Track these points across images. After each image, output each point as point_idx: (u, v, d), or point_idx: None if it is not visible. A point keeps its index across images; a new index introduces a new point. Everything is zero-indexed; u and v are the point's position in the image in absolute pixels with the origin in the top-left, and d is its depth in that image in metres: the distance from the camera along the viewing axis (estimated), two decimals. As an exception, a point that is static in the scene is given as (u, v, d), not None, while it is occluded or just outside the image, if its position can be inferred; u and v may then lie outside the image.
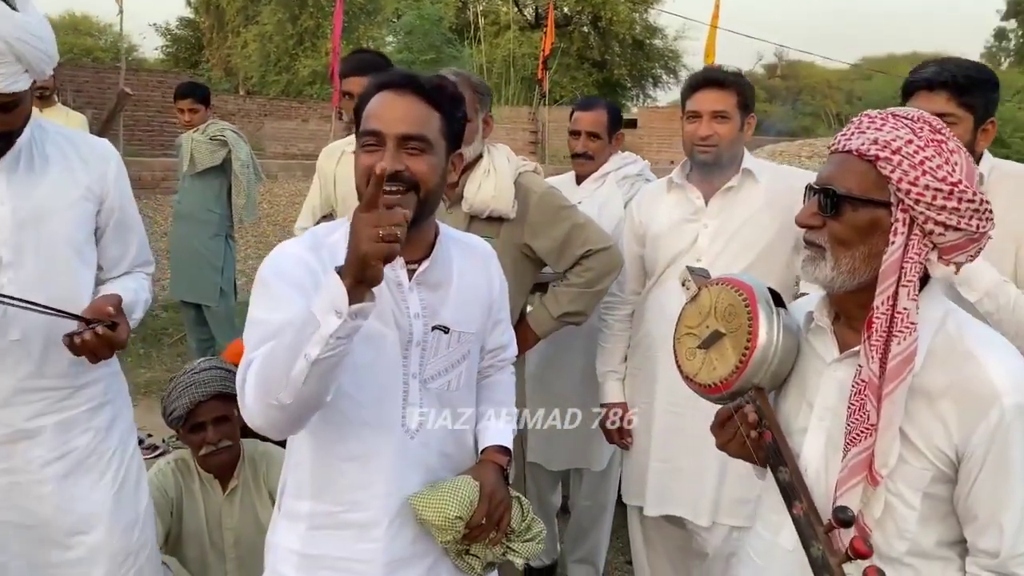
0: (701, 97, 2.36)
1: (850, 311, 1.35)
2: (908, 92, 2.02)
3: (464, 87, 2.10)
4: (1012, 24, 33.24)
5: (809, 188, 1.36)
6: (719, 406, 2.30)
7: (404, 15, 23.88)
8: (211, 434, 2.46)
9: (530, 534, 1.66)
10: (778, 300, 1.43)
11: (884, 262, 1.24)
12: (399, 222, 1.23)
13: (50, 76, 2.22)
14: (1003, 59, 35.41)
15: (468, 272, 1.63)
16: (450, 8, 25.57)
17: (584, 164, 3.14)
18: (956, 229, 1.22)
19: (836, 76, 37.40)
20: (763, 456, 1.38)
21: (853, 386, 1.28)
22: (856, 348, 1.31)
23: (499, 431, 1.72)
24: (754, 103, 2.40)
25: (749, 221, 2.37)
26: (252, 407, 1.37)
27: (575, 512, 3.26)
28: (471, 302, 1.62)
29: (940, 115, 1.91)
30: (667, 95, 30.27)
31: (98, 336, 1.84)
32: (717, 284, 1.49)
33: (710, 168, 2.40)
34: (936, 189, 1.20)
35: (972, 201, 1.20)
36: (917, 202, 1.21)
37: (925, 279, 1.29)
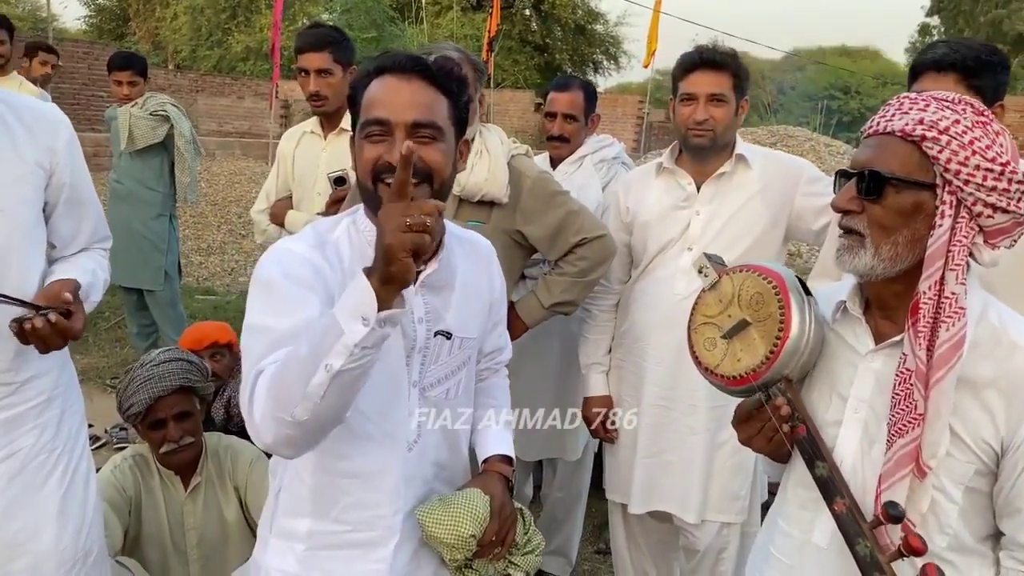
0: (696, 79, 2.26)
1: (886, 300, 1.31)
2: (916, 73, 1.98)
3: (465, 65, 1.98)
4: (935, 20, 34.38)
5: (840, 174, 1.31)
6: (708, 403, 2.29)
7: (342, -8, 23.35)
8: (173, 431, 2.30)
9: (530, 547, 1.59)
10: (806, 289, 1.38)
11: (931, 246, 1.20)
12: (430, 211, 1.11)
13: (2, 43, 1.99)
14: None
15: (471, 274, 1.53)
16: (391, -14, 25.10)
17: (560, 147, 3.03)
18: (1005, 211, 1.19)
19: (768, 66, 38.12)
20: (793, 451, 1.33)
21: (897, 375, 1.24)
22: (896, 338, 1.27)
23: (500, 439, 1.63)
24: (747, 85, 2.32)
25: (743, 208, 2.31)
26: (261, 423, 1.21)
27: (548, 503, 3.20)
28: (473, 306, 1.52)
29: None
30: (607, 81, 30.43)
31: (51, 324, 1.65)
32: (741, 271, 1.42)
33: (703, 153, 2.31)
34: (987, 169, 1.17)
35: (1023, 183, 1.18)
36: (967, 183, 1.18)
37: None
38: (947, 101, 1.23)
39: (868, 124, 1.30)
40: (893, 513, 1.12)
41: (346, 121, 2.98)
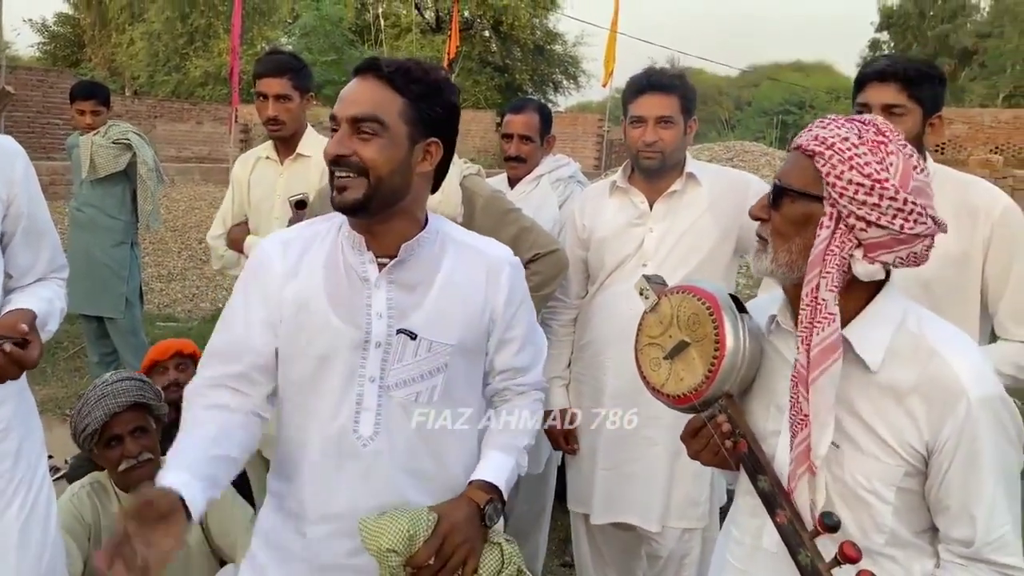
0: (645, 102, 2.33)
1: None
2: (860, 84, 2.08)
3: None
4: (885, 36, 35.30)
5: None
6: (669, 415, 2.32)
7: (301, 16, 23.35)
8: (130, 446, 2.31)
9: None
10: (740, 305, 1.44)
11: (812, 254, 1.28)
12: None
13: None
14: (877, 69, 37.52)
15: (458, 278, 1.52)
16: (349, 9, 25.16)
17: (517, 167, 3.12)
18: (878, 226, 1.23)
19: (725, 83, 38.82)
20: (738, 464, 1.38)
21: (791, 379, 1.31)
22: None
23: (490, 464, 1.56)
24: (695, 105, 2.40)
25: (694, 225, 2.39)
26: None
27: (513, 517, 3.22)
28: (454, 311, 1.51)
29: (890, 106, 2.00)
30: (568, 100, 30.71)
31: (5, 354, 1.65)
32: (677, 292, 1.47)
33: (655, 172, 2.39)
34: (858, 184, 1.22)
35: (895, 199, 1.22)
36: (841, 195, 1.24)
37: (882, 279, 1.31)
38: (858, 121, 1.29)
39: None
40: (829, 523, 1.17)
41: (303, 146, 3.01)
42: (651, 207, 2.42)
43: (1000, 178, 8.58)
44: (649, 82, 2.34)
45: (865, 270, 1.26)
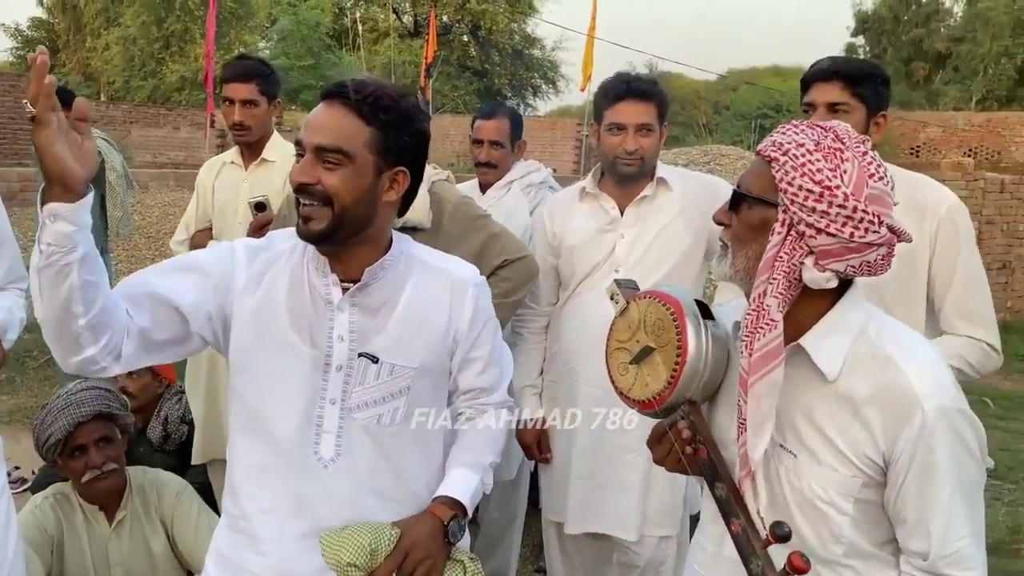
0: (625, 109, 2.30)
1: None
2: (806, 85, 2.11)
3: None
4: (861, 40, 35.66)
5: None
6: (645, 421, 2.32)
7: (278, 20, 23.25)
8: (94, 456, 2.27)
9: None
10: (705, 311, 1.43)
11: (762, 259, 1.27)
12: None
13: None
14: (853, 73, 37.90)
15: (422, 300, 1.51)
16: (327, 14, 25.10)
17: (488, 173, 3.10)
18: (827, 233, 1.21)
19: (704, 87, 38.99)
20: (699, 472, 1.38)
21: (738, 384, 1.30)
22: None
23: (456, 480, 1.55)
24: (668, 111, 2.39)
25: (665, 230, 2.38)
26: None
27: (484, 524, 3.21)
28: (417, 333, 1.50)
29: (834, 104, 2.03)
30: (547, 104, 30.80)
31: None
32: (645, 298, 1.47)
33: (628, 178, 2.37)
34: (808, 191, 1.21)
35: (844, 207, 1.20)
36: (792, 202, 1.23)
37: (846, 285, 1.30)
38: (819, 128, 1.27)
39: None
40: (779, 533, 1.16)
41: (267, 152, 3.00)
42: (622, 213, 2.40)
43: (972, 180, 8.65)
44: (629, 89, 2.30)
45: (812, 277, 1.24)
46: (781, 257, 1.24)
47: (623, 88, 2.31)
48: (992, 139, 20.53)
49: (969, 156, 17.54)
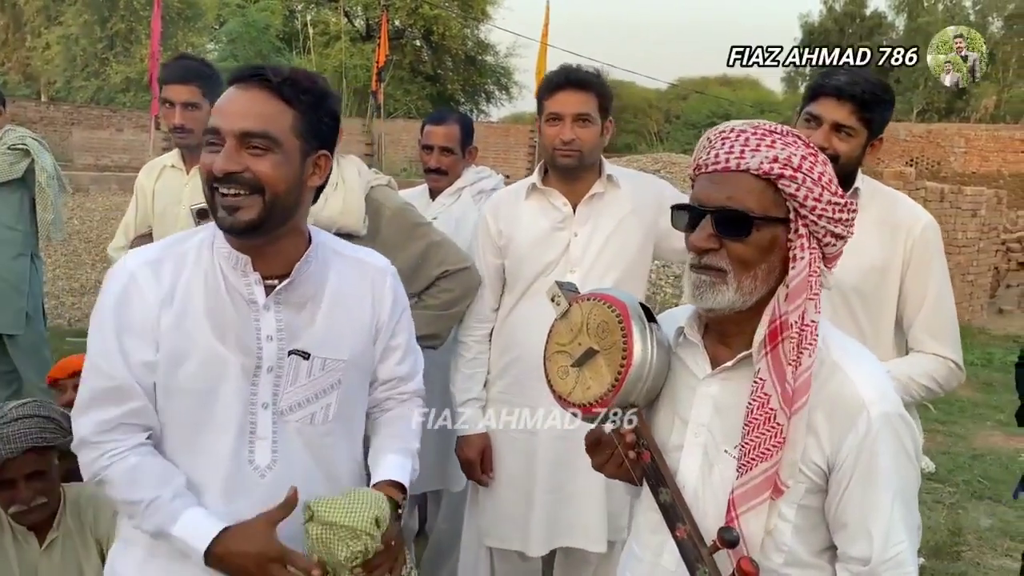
0: (562, 98, 2.23)
1: (726, 327, 1.34)
2: (814, 95, 2.04)
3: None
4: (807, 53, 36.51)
5: (685, 209, 1.30)
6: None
7: (227, 22, 22.89)
8: (23, 492, 2.16)
9: None
10: (650, 315, 1.40)
11: (794, 279, 1.24)
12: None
13: None
14: (800, 83, 38.83)
15: (345, 291, 1.48)
16: (277, 16, 24.78)
17: (438, 179, 3.05)
18: (843, 238, 1.28)
19: (655, 96, 39.45)
20: (641, 476, 1.35)
21: (754, 401, 1.25)
22: (727, 363, 1.31)
23: (392, 465, 1.56)
24: (612, 105, 2.32)
25: (618, 228, 2.32)
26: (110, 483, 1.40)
27: (433, 536, 3.16)
28: (344, 325, 1.47)
29: (840, 126, 1.99)
30: (501, 111, 30.88)
31: None
32: (588, 299, 1.43)
33: (572, 173, 2.30)
34: (835, 203, 1.24)
35: (846, 208, 1.27)
36: (820, 216, 1.23)
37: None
38: (799, 139, 1.26)
39: (706, 159, 1.29)
40: (728, 538, 1.16)
41: None
42: (574, 210, 2.33)
43: (913, 189, 8.89)
44: (567, 78, 2.24)
45: (837, 281, 1.34)
46: (815, 271, 1.25)
47: (561, 78, 2.26)
48: (932, 149, 21.14)
49: (910, 166, 18.03)
